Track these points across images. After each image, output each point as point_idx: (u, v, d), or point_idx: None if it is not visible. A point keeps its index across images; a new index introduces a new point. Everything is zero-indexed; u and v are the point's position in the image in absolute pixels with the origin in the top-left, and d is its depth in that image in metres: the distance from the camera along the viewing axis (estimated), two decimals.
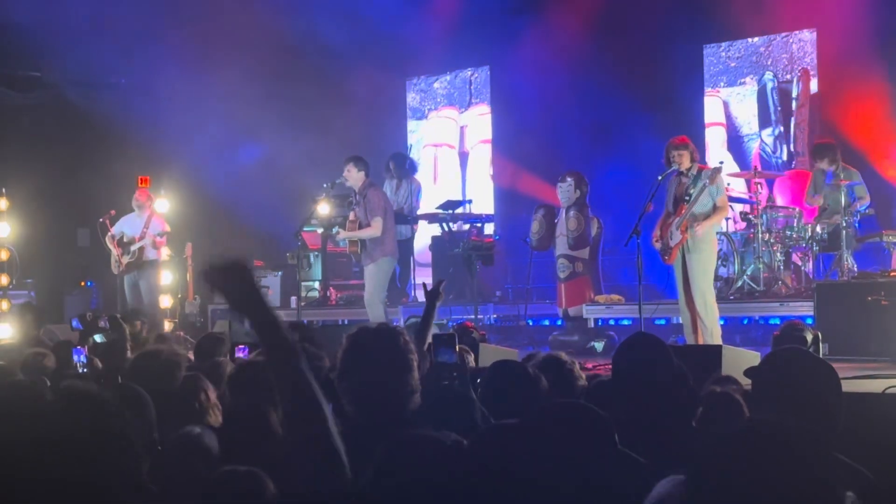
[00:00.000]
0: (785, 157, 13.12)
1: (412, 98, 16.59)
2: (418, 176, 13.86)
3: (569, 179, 11.18)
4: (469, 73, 15.98)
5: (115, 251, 12.30)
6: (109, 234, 12.35)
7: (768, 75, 13.33)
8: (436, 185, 15.92)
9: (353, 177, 10.39)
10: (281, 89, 14.55)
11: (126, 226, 12.38)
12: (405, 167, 13.15)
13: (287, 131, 14.30)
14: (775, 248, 10.73)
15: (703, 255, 8.74)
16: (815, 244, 10.62)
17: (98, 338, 6.34)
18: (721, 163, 10.15)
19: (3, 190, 12.48)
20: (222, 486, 2.78)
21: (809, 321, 8.56)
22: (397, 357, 3.38)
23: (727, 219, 10.69)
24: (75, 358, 5.86)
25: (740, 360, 6.41)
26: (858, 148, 11.76)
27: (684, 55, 13.66)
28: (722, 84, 13.72)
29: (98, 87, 13.57)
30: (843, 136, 11.81)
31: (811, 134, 12.74)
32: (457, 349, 4.03)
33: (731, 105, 13.66)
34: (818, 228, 10.59)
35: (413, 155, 15.38)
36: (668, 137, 9.09)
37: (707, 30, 13.50)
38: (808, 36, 13.03)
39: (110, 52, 13.39)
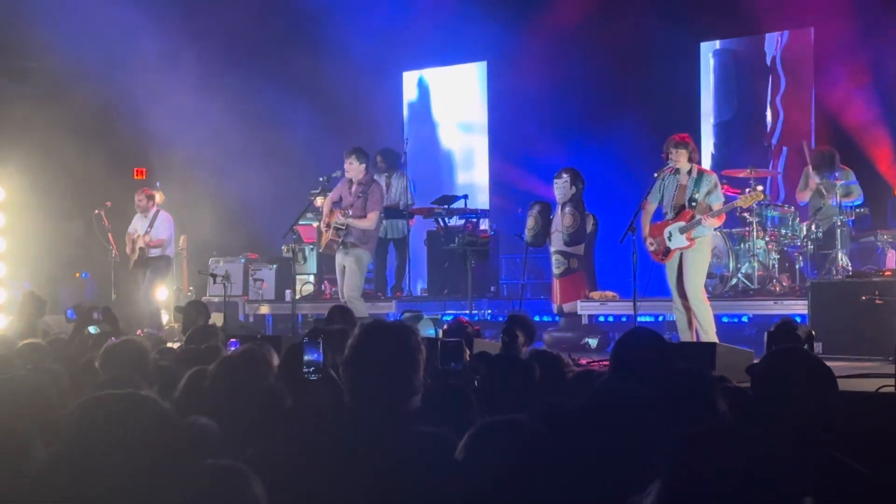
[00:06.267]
0: None
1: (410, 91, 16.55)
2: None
3: (564, 176, 11.18)
4: (466, 67, 15.94)
5: (127, 247, 12.44)
6: (106, 226, 12.41)
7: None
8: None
9: (355, 169, 10.54)
10: (278, 81, 14.50)
11: (138, 224, 12.44)
12: (395, 162, 13.01)
13: (284, 124, 14.27)
14: (770, 246, 10.73)
15: (701, 254, 8.75)
16: (809, 243, 10.63)
17: (92, 329, 6.33)
18: (760, 187, 10.21)
19: None
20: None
21: (801, 319, 8.58)
22: (406, 355, 3.34)
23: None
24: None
25: (734, 358, 6.44)
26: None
27: (681, 51, 13.63)
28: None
29: (93, 78, 13.52)
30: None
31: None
32: (465, 358, 3.94)
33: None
34: (813, 227, 10.61)
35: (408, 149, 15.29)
36: (664, 134, 9.09)
37: (704, 26, 13.47)
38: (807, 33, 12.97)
39: (105, 43, 13.34)
